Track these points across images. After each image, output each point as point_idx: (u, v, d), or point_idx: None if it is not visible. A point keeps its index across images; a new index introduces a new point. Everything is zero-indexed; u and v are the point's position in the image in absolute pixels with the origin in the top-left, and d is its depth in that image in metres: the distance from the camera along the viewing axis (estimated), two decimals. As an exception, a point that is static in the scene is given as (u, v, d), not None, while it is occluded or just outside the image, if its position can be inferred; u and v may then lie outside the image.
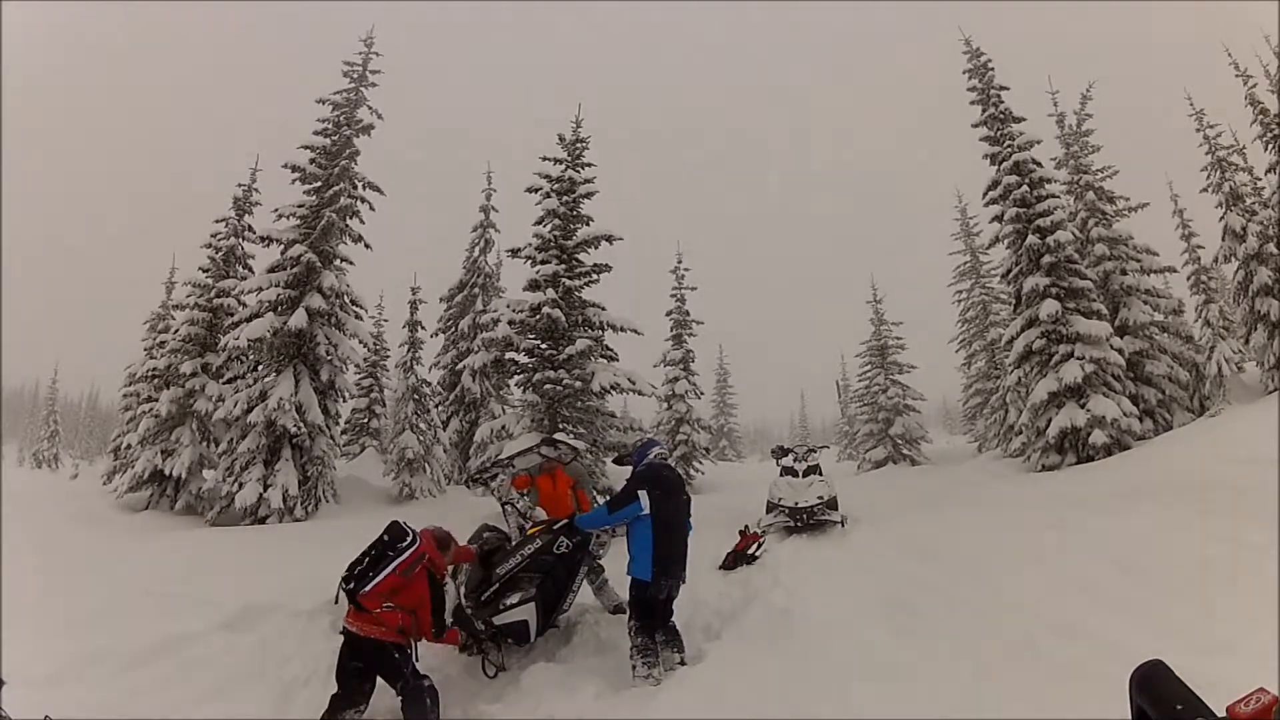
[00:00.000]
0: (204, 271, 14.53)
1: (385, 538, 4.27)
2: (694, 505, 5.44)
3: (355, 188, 13.36)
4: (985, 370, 20.84)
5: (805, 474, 9.91)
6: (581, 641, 5.35)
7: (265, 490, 11.56)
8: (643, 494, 4.61)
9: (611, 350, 11.12)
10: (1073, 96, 15.76)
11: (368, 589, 4.10)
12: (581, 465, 7.02)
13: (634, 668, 4.49)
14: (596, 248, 11.30)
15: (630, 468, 5.23)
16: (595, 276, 11.30)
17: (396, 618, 4.12)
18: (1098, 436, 11.71)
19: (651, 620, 4.67)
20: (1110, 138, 15.55)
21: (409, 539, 4.29)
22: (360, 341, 13.66)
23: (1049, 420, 12.38)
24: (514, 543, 5.24)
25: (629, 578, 4.73)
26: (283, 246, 12.71)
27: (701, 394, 21.71)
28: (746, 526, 8.37)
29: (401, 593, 4.16)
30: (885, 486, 14.13)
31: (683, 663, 4.67)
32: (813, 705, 3.81)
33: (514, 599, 4.86)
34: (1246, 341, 12.58)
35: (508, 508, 5.61)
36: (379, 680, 4.22)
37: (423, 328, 17.40)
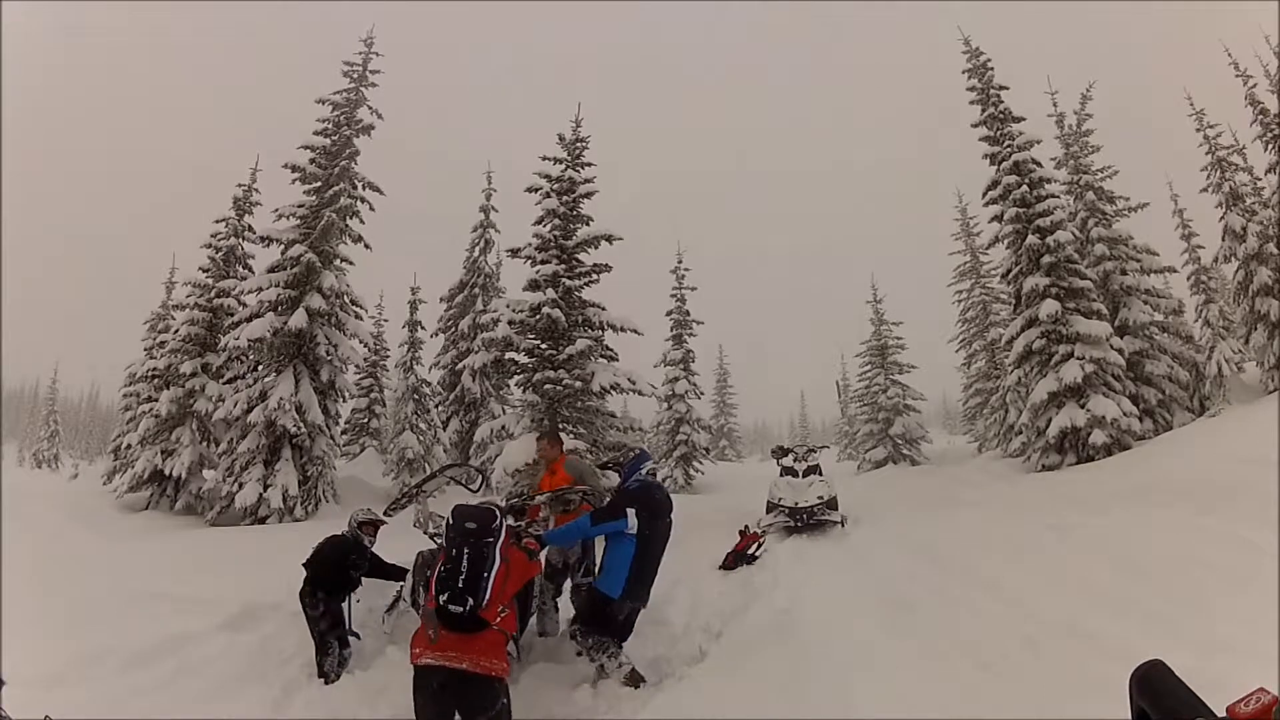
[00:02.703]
0: (204, 271, 14.53)
1: (472, 526, 3.40)
2: (694, 505, 5.46)
3: (355, 188, 13.36)
4: (985, 370, 20.85)
5: (805, 474, 9.93)
6: (581, 641, 5.35)
7: (265, 490, 11.56)
8: (631, 513, 4.47)
9: (611, 350, 11.11)
10: (1072, 96, 15.79)
11: (489, 597, 3.31)
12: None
13: (601, 667, 4.36)
14: (596, 248, 11.30)
15: (615, 473, 5.06)
16: (595, 276, 11.29)
17: (513, 620, 3.53)
18: (1098, 436, 11.71)
19: (601, 630, 4.47)
20: (1110, 138, 15.57)
21: (497, 518, 3.49)
22: (360, 341, 13.67)
23: (1049, 420, 12.38)
24: None
25: (589, 589, 4.59)
26: (283, 246, 12.71)
27: (701, 394, 21.74)
28: (746, 526, 8.38)
29: (508, 581, 3.47)
30: (885, 486, 14.14)
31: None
32: (813, 705, 3.81)
33: None
34: (1246, 341, 12.58)
35: (437, 539, 5.14)
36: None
37: (423, 328, 17.43)
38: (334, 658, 4.80)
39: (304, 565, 5.07)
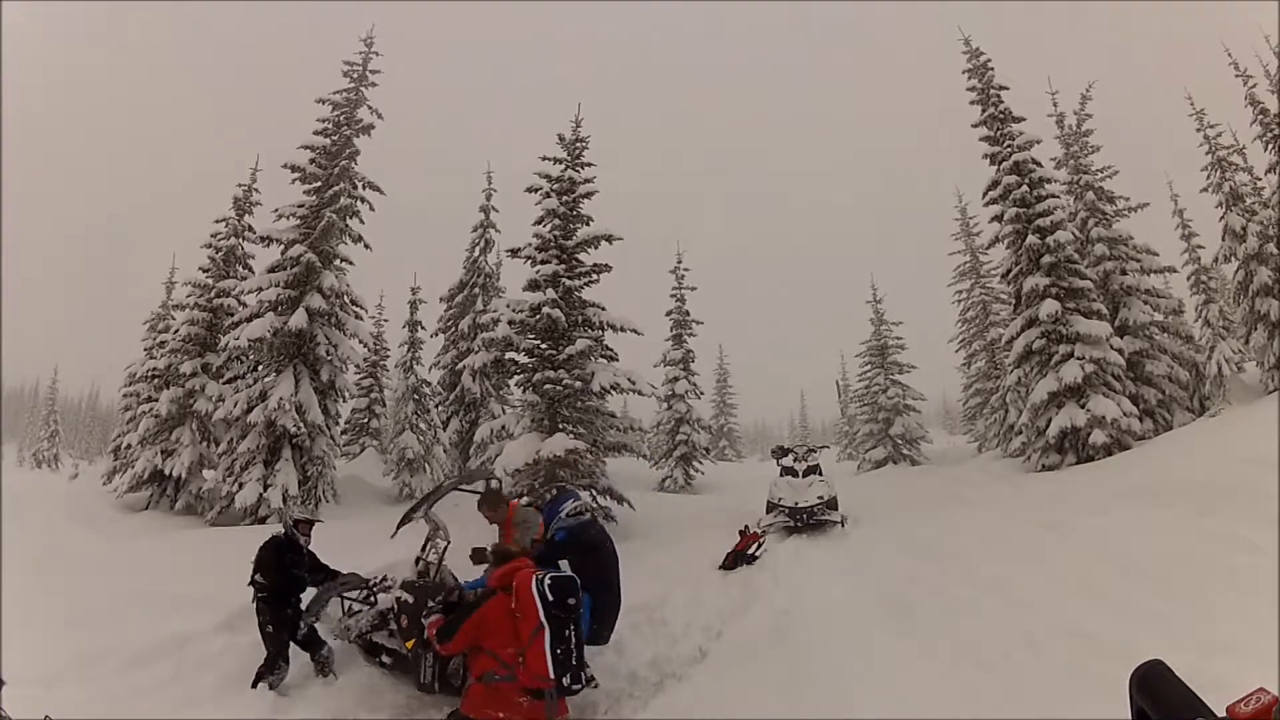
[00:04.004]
0: (204, 271, 14.52)
1: (573, 601, 3.50)
2: (694, 505, 5.43)
3: (355, 188, 13.34)
4: (985, 370, 20.84)
5: (805, 474, 9.94)
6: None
7: (265, 490, 11.55)
8: (563, 564, 4.22)
9: (611, 350, 11.11)
10: (1072, 96, 15.78)
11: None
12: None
13: None
14: (596, 248, 11.29)
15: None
16: (595, 276, 11.29)
17: None
18: (1098, 436, 11.71)
19: None
20: (1110, 138, 15.56)
21: (579, 583, 3.64)
22: (360, 341, 13.65)
23: (1049, 420, 12.38)
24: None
25: None
26: (283, 246, 12.69)
27: (701, 394, 21.71)
28: (746, 526, 8.38)
29: None
30: (885, 486, 14.14)
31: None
32: (813, 705, 3.82)
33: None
34: (1246, 341, 12.58)
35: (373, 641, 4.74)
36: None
37: (423, 328, 17.40)
38: (280, 674, 4.66)
39: (250, 583, 4.90)
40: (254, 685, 4.57)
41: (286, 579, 4.90)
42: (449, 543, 5.06)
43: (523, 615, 3.38)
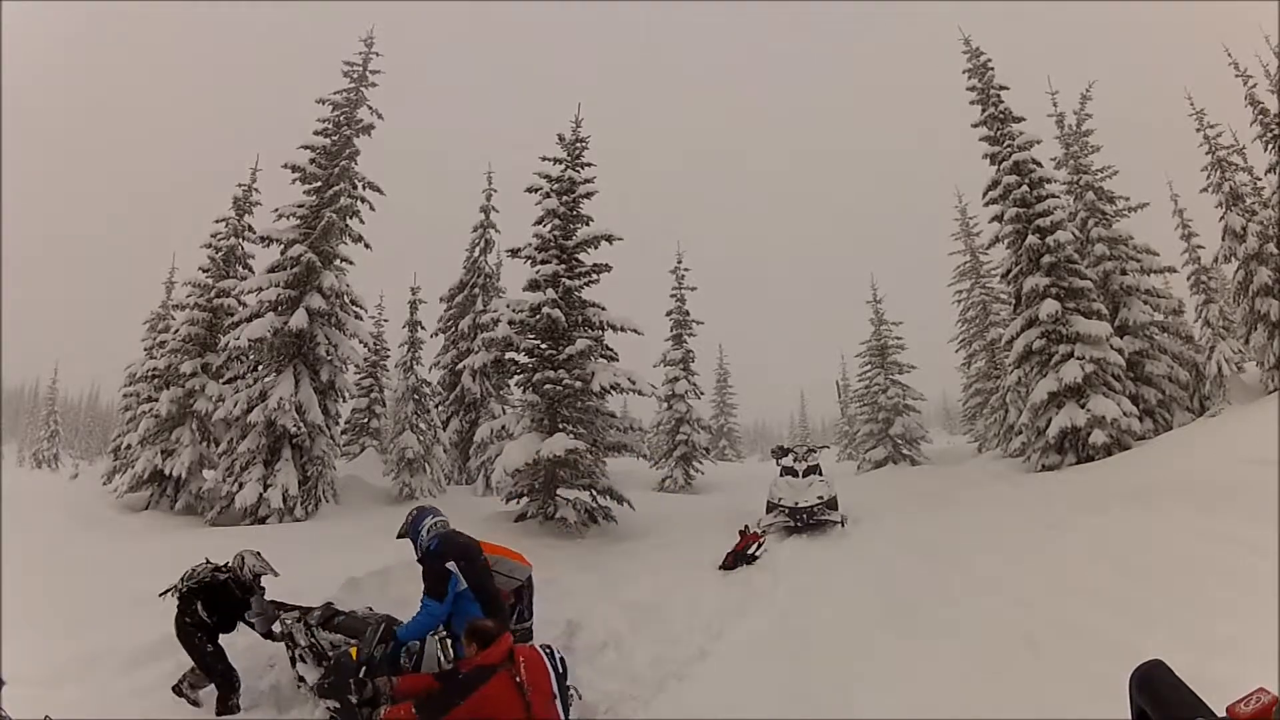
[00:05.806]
0: (204, 271, 14.50)
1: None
2: (694, 505, 5.45)
3: (355, 188, 13.34)
4: (985, 370, 20.83)
5: (805, 474, 9.95)
6: (582, 643, 5.36)
7: (265, 490, 11.54)
8: (453, 566, 4.22)
9: (611, 350, 11.11)
10: (1072, 96, 15.78)
11: None
12: None
13: None
14: (596, 248, 11.31)
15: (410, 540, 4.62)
16: (595, 276, 11.30)
17: None
18: (1098, 436, 11.71)
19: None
20: (1110, 138, 15.56)
21: None
22: (360, 341, 13.64)
23: (1049, 420, 12.38)
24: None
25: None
26: (283, 246, 12.68)
27: (701, 394, 21.71)
28: (746, 526, 8.39)
29: None
30: (885, 486, 14.14)
31: None
32: (813, 705, 3.82)
33: None
34: (1246, 341, 12.57)
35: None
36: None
37: (423, 328, 17.39)
38: (239, 690, 4.50)
39: (186, 610, 4.64)
40: (230, 712, 4.39)
41: (229, 625, 4.74)
42: (298, 610, 4.68)
43: (534, 688, 3.47)
